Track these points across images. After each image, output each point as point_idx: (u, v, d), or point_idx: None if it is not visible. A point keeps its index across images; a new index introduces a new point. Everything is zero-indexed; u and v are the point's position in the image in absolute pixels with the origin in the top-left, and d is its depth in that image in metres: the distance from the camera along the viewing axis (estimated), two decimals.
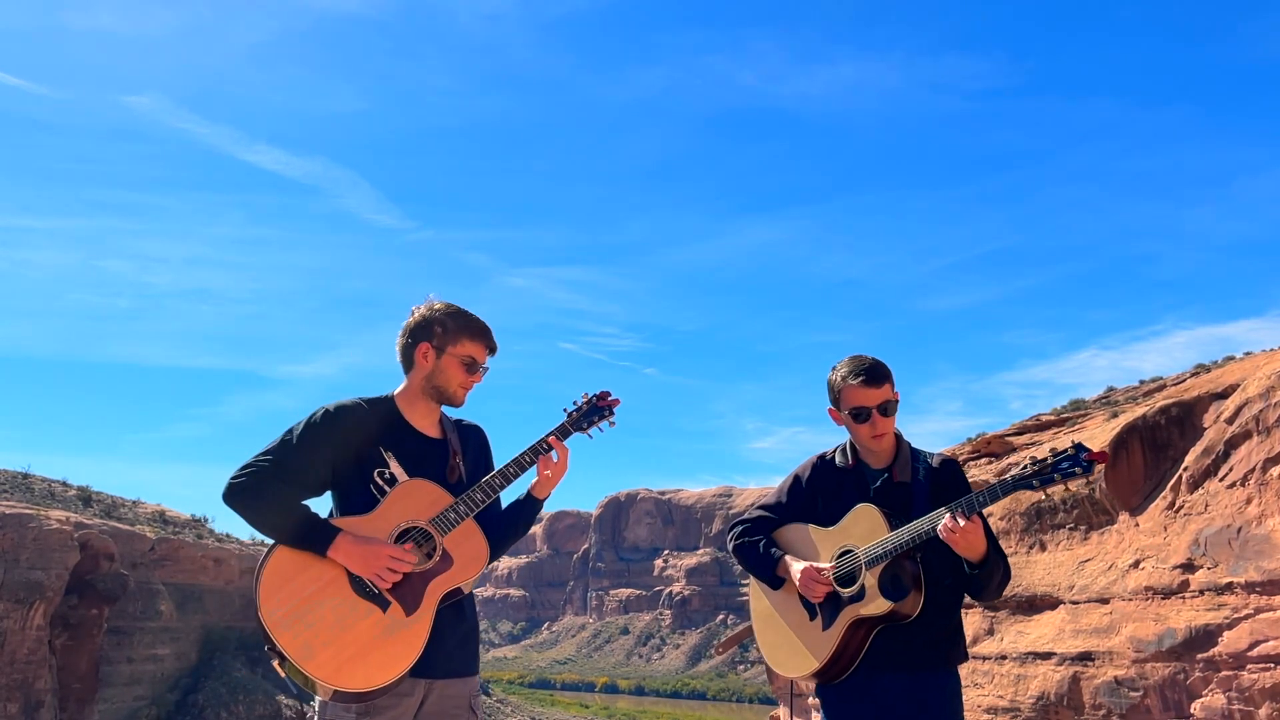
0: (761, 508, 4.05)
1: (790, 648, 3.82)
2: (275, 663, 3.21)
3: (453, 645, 3.44)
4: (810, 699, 36.09)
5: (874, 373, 3.78)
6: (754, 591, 4.06)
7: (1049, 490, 3.41)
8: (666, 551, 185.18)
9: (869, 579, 3.62)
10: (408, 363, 3.63)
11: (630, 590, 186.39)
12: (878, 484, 3.81)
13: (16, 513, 55.22)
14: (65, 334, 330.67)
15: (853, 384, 3.78)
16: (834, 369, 3.91)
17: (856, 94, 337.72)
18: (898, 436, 3.90)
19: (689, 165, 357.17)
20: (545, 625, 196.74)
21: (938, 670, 3.70)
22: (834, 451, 3.99)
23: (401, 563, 3.27)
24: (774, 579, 3.88)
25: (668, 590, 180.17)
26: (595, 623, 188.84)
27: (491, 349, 3.62)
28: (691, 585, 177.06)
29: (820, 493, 3.91)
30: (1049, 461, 3.42)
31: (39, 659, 53.33)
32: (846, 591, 3.67)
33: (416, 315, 3.63)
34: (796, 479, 4.00)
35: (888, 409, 3.78)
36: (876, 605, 3.59)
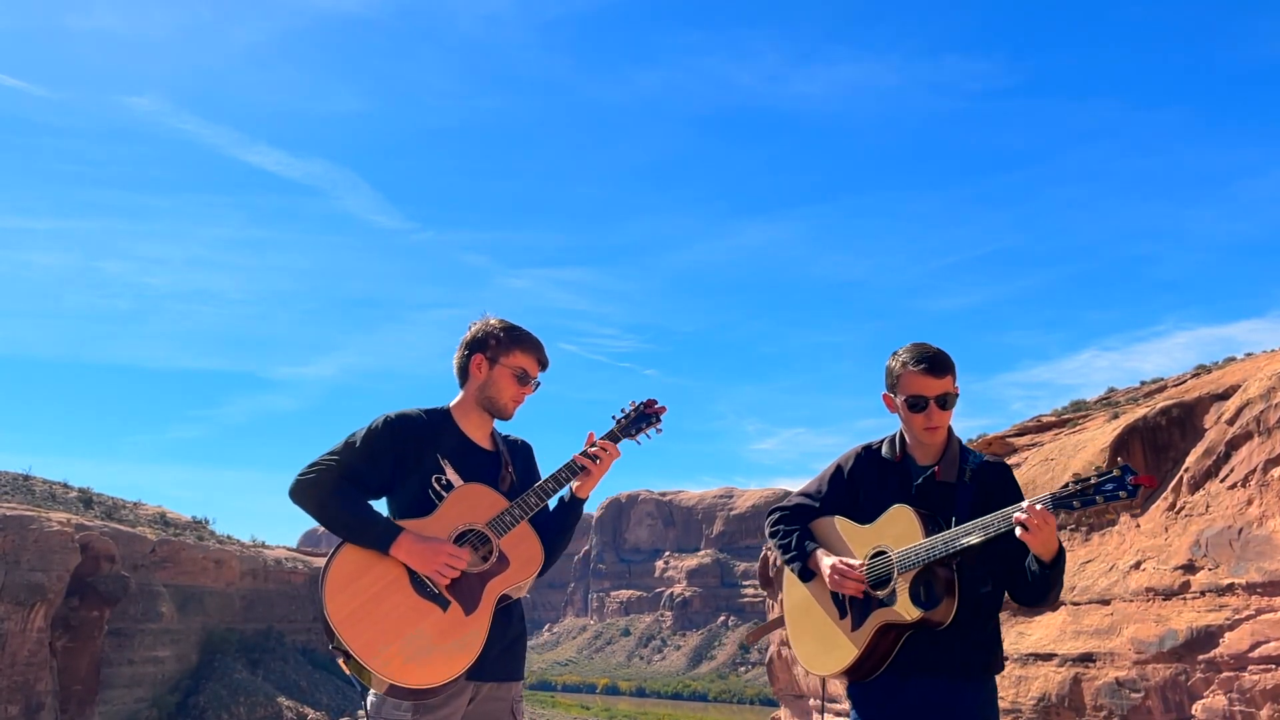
0: (802, 494, 3.97)
1: (819, 643, 3.76)
2: (340, 660, 3.31)
3: (502, 649, 3.54)
4: (811, 700, 36.07)
5: (937, 362, 3.62)
6: (789, 582, 3.98)
7: (1088, 511, 3.31)
8: (667, 553, 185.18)
9: (901, 584, 3.53)
10: (463, 375, 3.78)
11: (631, 591, 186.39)
12: (920, 481, 3.69)
13: (18, 514, 55.25)
14: (65, 335, 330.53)
15: (913, 370, 3.62)
16: (895, 354, 3.75)
17: (855, 95, 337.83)
18: (950, 432, 3.76)
19: (688, 166, 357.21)
20: (546, 626, 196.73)
21: (973, 678, 3.60)
22: (880, 442, 3.87)
23: (459, 560, 3.39)
24: (804, 571, 3.80)
25: (669, 592, 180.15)
26: (596, 624, 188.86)
27: (543, 363, 3.78)
28: (692, 586, 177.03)
29: (862, 485, 3.81)
30: (1092, 482, 3.28)
31: (40, 660, 53.34)
32: (879, 593, 3.58)
33: (473, 330, 3.77)
34: (839, 469, 3.90)
35: (946, 402, 3.64)
36: (907, 612, 3.50)
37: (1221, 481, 20.91)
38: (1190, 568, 20.82)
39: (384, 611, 3.32)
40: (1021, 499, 3.44)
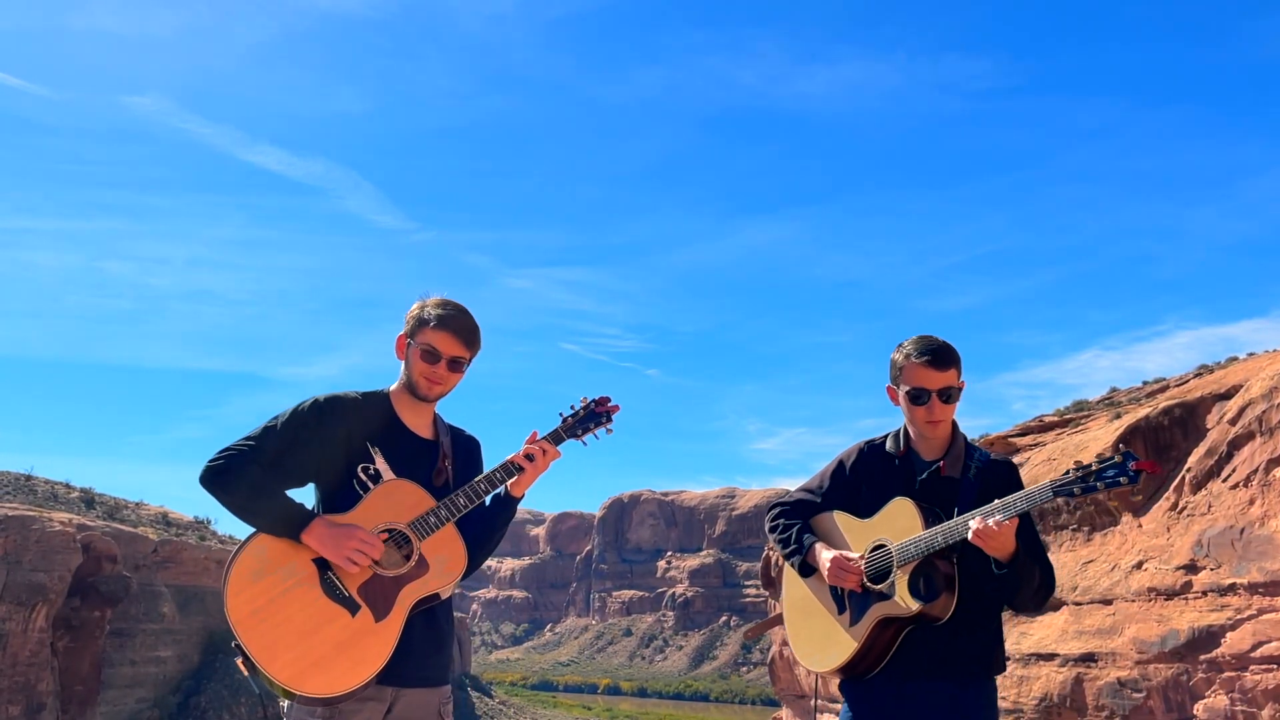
0: (803, 489, 3.92)
1: (816, 639, 3.71)
2: (239, 661, 3.14)
3: (423, 653, 3.35)
4: (813, 700, 36.01)
5: (940, 354, 3.56)
6: (788, 578, 3.94)
7: (1090, 498, 3.28)
8: (669, 553, 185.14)
9: (900, 578, 3.47)
10: (400, 359, 3.61)
11: (633, 592, 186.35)
12: (924, 476, 3.64)
13: (19, 515, 55.26)
14: (67, 336, 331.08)
15: (916, 362, 3.58)
16: (899, 346, 3.69)
17: (858, 94, 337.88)
18: (954, 427, 3.71)
19: (690, 166, 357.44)
20: (548, 627, 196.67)
21: (974, 679, 3.54)
22: (884, 438, 3.82)
23: (371, 547, 3.18)
24: (804, 566, 3.74)
25: (670, 592, 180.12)
26: (598, 624, 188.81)
27: (464, 342, 3.49)
28: (694, 587, 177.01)
29: (865, 480, 3.76)
30: (1094, 468, 3.27)
31: (41, 661, 53.35)
32: (877, 587, 3.54)
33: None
34: (840, 464, 3.85)
35: (949, 395, 3.58)
36: (905, 605, 3.44)
37: (1223, 481, 20.88)
38: (1192, 568, 20.80)
39: (288, 613, 3.13)
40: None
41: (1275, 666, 18.68)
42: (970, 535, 3.32)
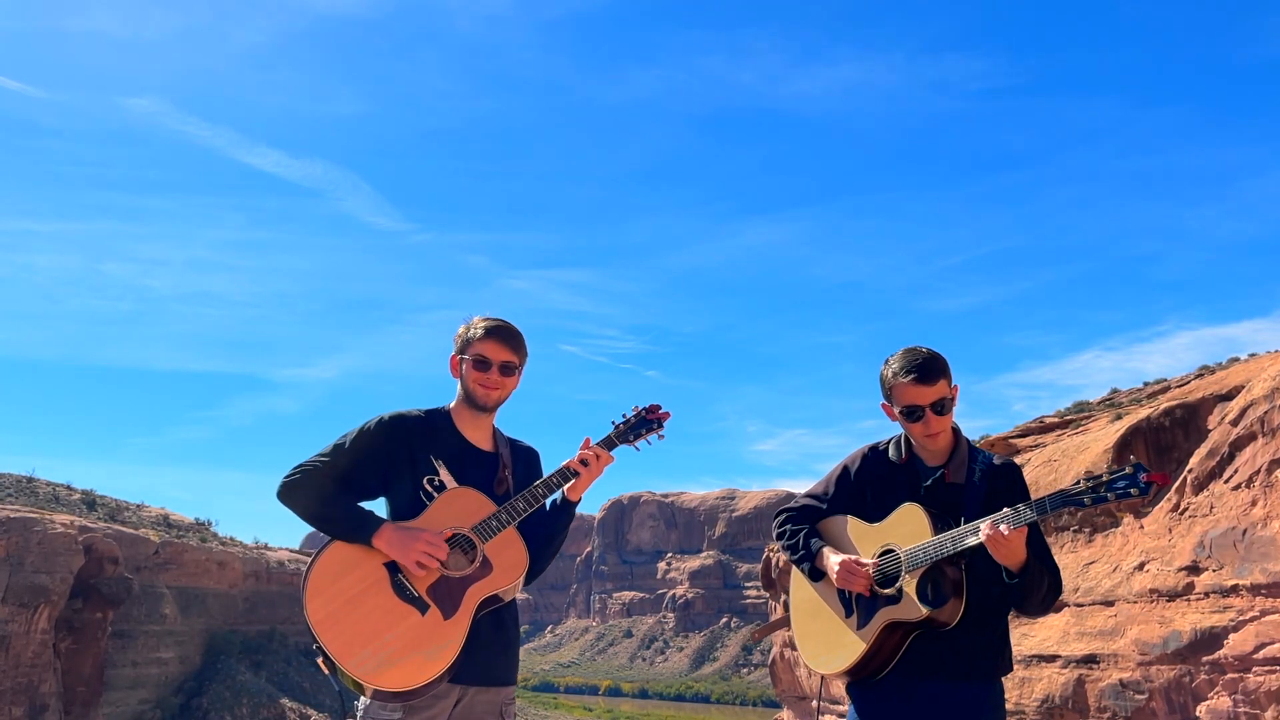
0: (809, 495, 3.96)
1: (824, 643, 3.75)
2: (320, 660, 3.33)
3: (490, 653, 3.55)
4: (814, 702, 35.98)
5: (927, 369, 3.58)
6: (795, 581, 3.99)
7: (1099, 508, 3.32)
8: (669, 554, 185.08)
9: (908, 583, 3.52)
10: (455, 376, 3.84)
11: (633, 593, 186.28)
12: (929, 483, 3.68)
13: (21, 516, 55.28)
14: (67, 338, 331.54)
15: (904, 381, 3.60)
16: (886, 362, 3.72)
17: (857, 94, 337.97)
18: (956, 432, 3.74)
19: (689, 167, 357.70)
20: (548, 628, 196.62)
21: (980, 681, 3.59)
22: (888, 443, 3.86)
23: (437, 548, 3.40)
24: (814, 571, 3.78)
25: (671, 593, 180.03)
26: (598, 626, 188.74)
27: (510, 348, 3.73)
28: (695, 588, 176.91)
29: (869, 486, 3.80)
30: (1104, 479, 3.30)
31: (44, 662, 53.37)
32: (885, 592, 3.58)
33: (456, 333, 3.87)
34: (845, 470, 3.89)
35: (943, 407, 3.60)
36: (913, 611, 3.50)
37: (1225, 482, 20.86)
38: (1194, 569, 20.78)
39: (363, 613, 3.34)
40: (1029, 499, 3.44)
41: (1277, 667, 18.66)
42: (983, 539, 3.35)
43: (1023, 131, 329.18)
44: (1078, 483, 3.35)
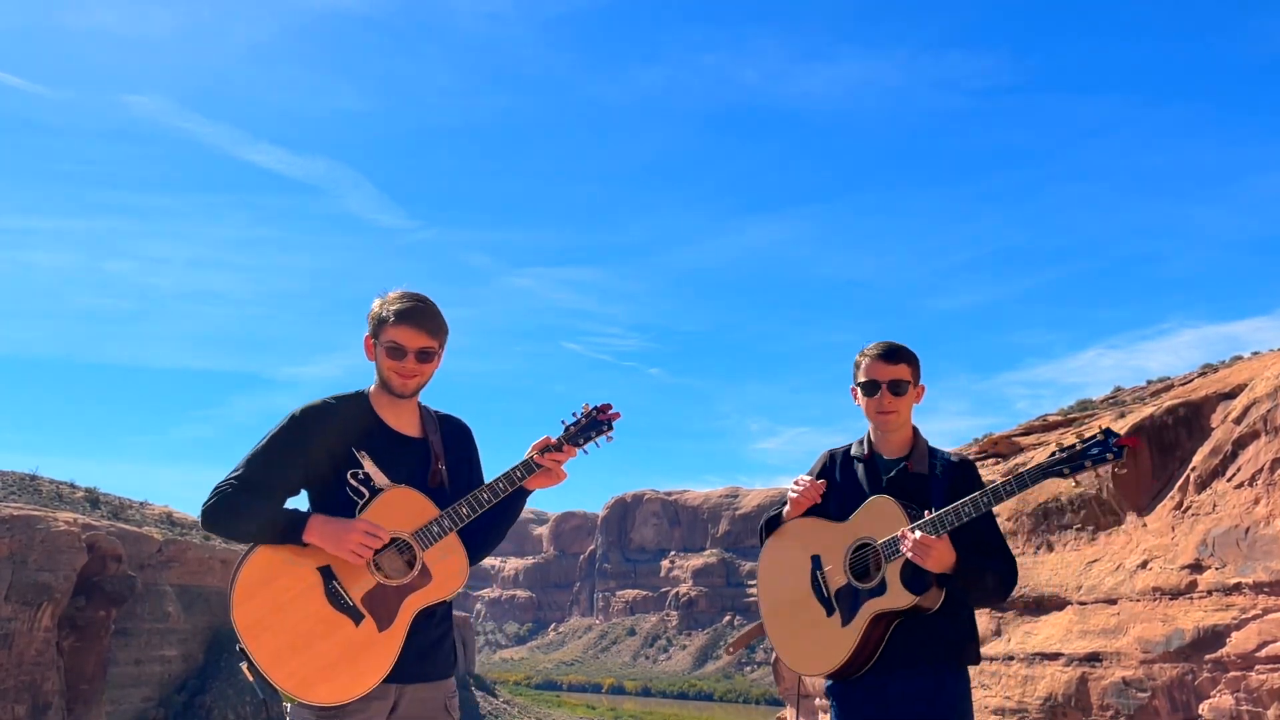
0: (774, 504, 4.07)
1: (808, 644, 3.78)
2: (244, 666, 3.18)
3: (424, 650, 3.38)
4: (818, 700, 36.01)
5: (892, 351, 3.78)
6: (763, 588, 4.04)
7: (1079, 477, 3.42)
8: (673, 552, 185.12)
9: (890, 572, 3.57)
10: (371, 360, 3.56)
11: (637, 591, 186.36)
12: (892, 474, 3.77)
13: (24, 515, 55.39)
14: (69, 336, 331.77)
15: (868, 356, 3.80)
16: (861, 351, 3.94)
17: (860, 92, 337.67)
18: (916, 432, 3.86)
19: (692, 164, 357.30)
20: (552, 626, 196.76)
21: (950, 669, 3.67)
22: (850, 445, 3.99)
23: (376, 537, 3.21)
24: (771, 521, 3.99)
25: (674, 591, 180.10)
26: (602, 624, 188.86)
27: (424, 330, 3.39)
28: (698, 586, 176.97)
29: (832, 485, 3.89)
30: (1078, 448, 3.41)
31: (46, 660, 53.48)
32: (865, 585, 3.63)
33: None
34: (809, 474, 4.00)
35: (899, 388, 3.73)
36: (899, 599, 3.55)
37: (1228, 481, 20.84)
38: (1197, 567, 20.76)
39: (293, 621, 3.16)
40: (988, 490, 3.54)
41: None
42: (905, 552, 3.47)
43: (1026, 129, 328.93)
44: (1053, 454, 3.44)
